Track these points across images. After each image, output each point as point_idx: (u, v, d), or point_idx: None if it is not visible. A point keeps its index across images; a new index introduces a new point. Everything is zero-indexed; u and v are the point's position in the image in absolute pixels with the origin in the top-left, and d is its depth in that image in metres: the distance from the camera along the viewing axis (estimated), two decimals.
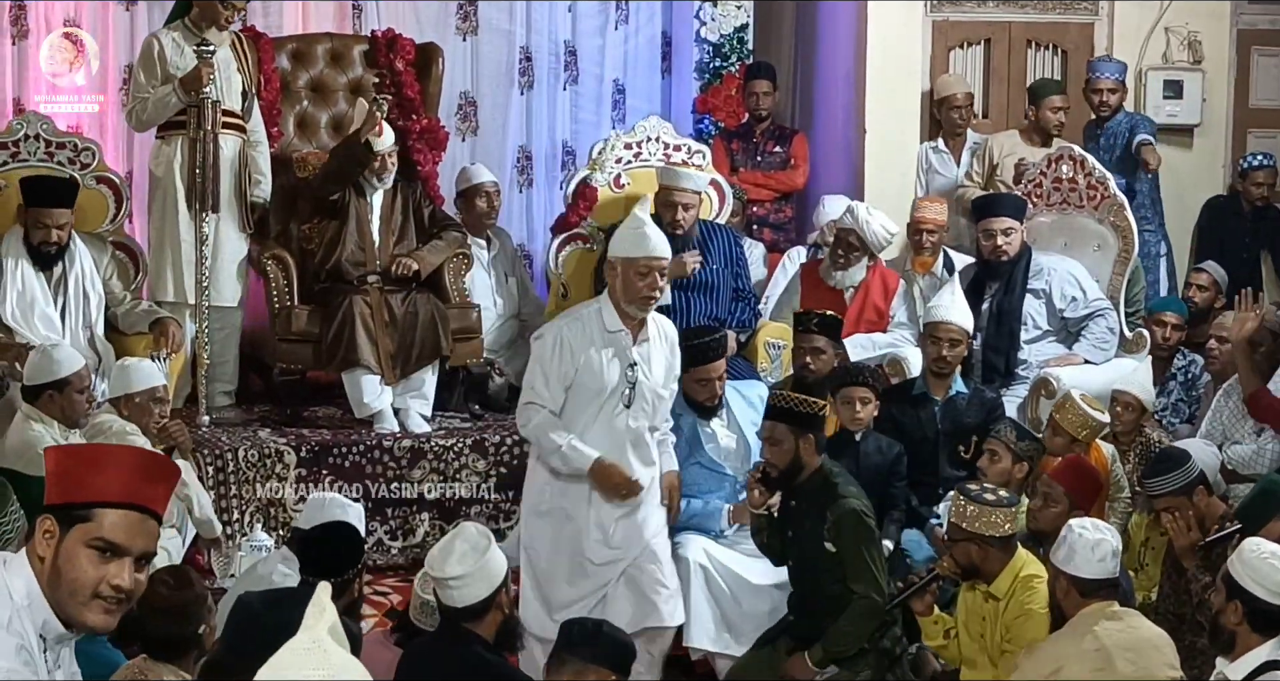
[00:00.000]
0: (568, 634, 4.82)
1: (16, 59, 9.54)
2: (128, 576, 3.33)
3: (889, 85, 10.63)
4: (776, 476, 6.54)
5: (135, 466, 3.37)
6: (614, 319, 6.56)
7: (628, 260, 6.50)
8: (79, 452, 3.60)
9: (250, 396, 8.77)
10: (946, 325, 7.75)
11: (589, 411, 6.57)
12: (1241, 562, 4.76)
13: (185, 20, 8.34)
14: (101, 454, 3.50)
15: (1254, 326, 7.60)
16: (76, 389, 6.79)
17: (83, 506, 3.30)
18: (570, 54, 10.76)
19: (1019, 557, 6.01)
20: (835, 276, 8.65)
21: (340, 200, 8.33)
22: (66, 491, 3.33)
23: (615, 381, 6.54)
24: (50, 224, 7.83)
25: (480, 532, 5.35)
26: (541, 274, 9.80)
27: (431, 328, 8.12)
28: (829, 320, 7.93)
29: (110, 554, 3.31)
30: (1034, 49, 11.09)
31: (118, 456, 3.44)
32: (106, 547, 3.30)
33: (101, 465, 3.34)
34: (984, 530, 5.93)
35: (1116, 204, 8.97)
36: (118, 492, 3.31)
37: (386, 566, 7.72)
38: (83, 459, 3.41)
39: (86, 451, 3.74)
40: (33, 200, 7.86)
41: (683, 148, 9.04)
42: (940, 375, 7.76)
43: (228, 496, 7.56)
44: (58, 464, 3.39)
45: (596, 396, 6.55)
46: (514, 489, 7.92)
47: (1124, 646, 5.16)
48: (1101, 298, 8.68)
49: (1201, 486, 6.44)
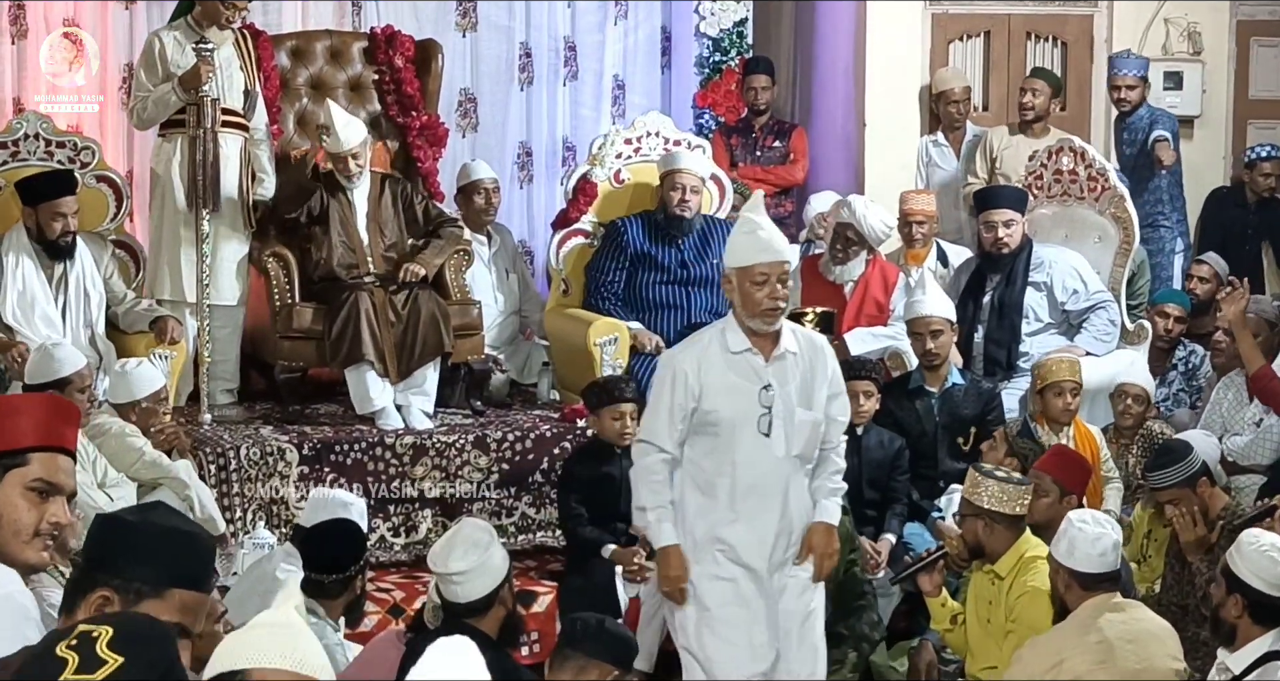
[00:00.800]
0: (570, 630, 4.83)
1: (16, 59, 9.54)
2: (64, 512, 3.46)
3: (888, 79, 10.65)
4: None
5: (49, 410, 3.51)
6: (739, 338, 5.73)
7: (741, 270, 5.67)
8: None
9: (252, 394, 8.76)
10: (925, 318, 7.78)
11: (724, 446, 5.75)
12: (1240, 556, 4.77)
13: (188, 19, 8.34)
14: (15, 403, 3.67)
15: (1243, 304, 7.63)
16: (77, 388, 6.78)
17: (12, 454, 3.42)
18: (570, 50, 10.77)
19: (1026, 539, 6.04)
20: (835, 271, 8.66)
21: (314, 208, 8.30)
22: None
23: (747, 409, 5.70)
24: (66, 213, 7.84)
25: (483, 528, 5.37)
26: (543, 270, 9.81)
27: (433, 324, 8.11)
28: (824, 315, 7.96)
29: (48, 493, 3.44)
30: (1033, 41, 11.10)
31: (31, 402, 3.65)
32: (46, 487, 3.43)
33: (19, 412, 3.48)
34: (992, 506, 5.96)
35: (1117, 196, 8.97)
36: (41, 436, 3.45)
37: (389, 563, 7.71)
38: (2, 409, 3.53)
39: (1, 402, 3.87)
40: (41, 196, 7.85)
41: (682, 142, 9.04)
42: (932, 368, 7.79)
43: (230, 495, 7.55)
44: None
45: (729, 429, 5.72)
46: (516, 485, 7.94)
47: (1127, 638, 5.17)
48: (1103, 290, 8.68)
49: (1204, 478, 6.45)
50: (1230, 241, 10.08)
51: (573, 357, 8.56)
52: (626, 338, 8.35)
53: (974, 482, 6.05)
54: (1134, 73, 10.12)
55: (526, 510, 7.97)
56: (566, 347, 8.66)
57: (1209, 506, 6.35)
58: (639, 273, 8.60)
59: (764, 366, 5.70)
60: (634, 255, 8.59)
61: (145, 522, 3.15)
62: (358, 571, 5.81)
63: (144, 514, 3.23)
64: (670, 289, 8.58)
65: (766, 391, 5.67)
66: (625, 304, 8.57)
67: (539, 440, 8.03)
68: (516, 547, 7.54)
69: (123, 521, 3.17)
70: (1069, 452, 6.98)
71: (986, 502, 5.97)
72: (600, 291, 8.62)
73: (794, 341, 5.77)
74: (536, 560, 7.85)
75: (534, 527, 7.96)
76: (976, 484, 6.03)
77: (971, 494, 6.04)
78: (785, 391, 5.71)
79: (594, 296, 8.65)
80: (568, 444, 8.01)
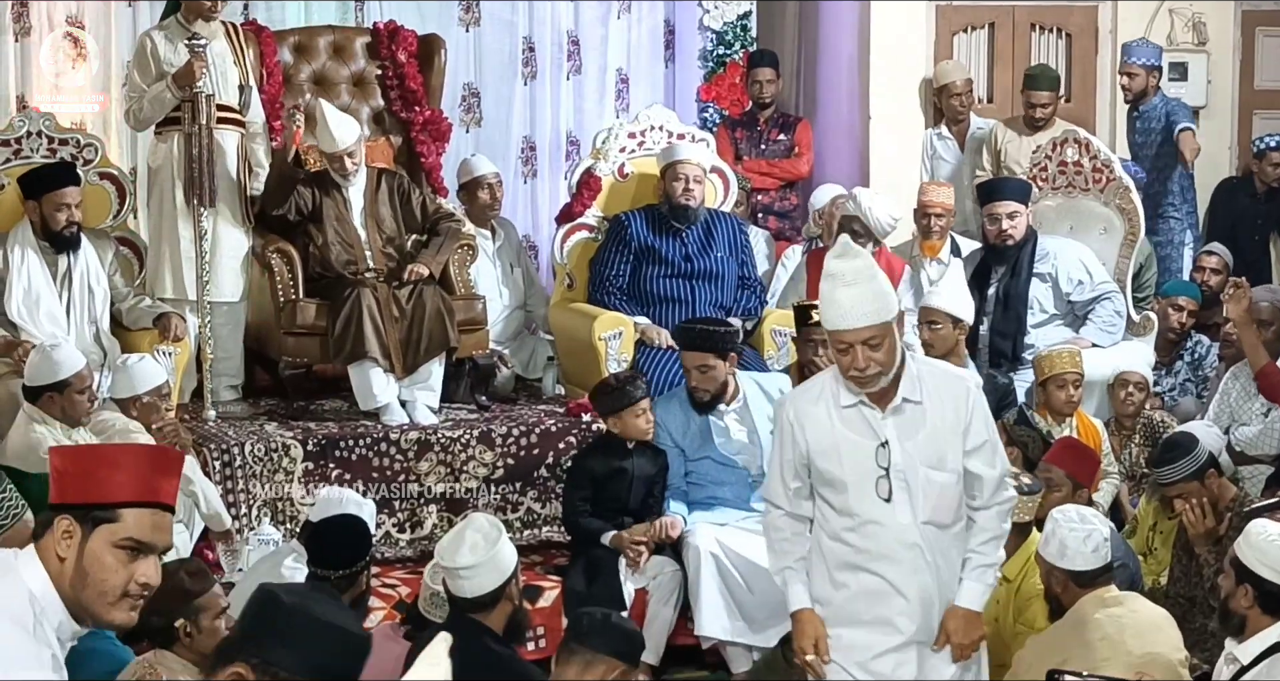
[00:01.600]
0: (577, 625, 4.80)
1: (19, 57, 9.52)
2: (154, 572, 3.34)
3: (893, 71, 10.64)
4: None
5: (148, 463, 3.37)
6: (847, 391, 4.97)
7: (829, 332, 4.94)
8: (91, 453, 3.58)
9: (256, 390, 8.76)
10: (934, 308, 7.76)
11: (845, 510, 4.99)
12: (1249, 546, 4.76)
13: (177, 16, 8.32)
14: (114, 454, 3.49)
15: (1246, 303, 7.61)
16: (77, 390, 6.76)
17: (104, 507, 3.30)
18: (573, 44, 10.76)
19: (1032, 540, 6.02)
20: None
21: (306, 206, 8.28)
22: (84, 492, 3.32)
23: (864, 469, 4.94)
24: (70, 203, 7.84)
25: (491, 523, 5.35)
26: (547, 264, 9.80)
27: (438, 319, 8.10)
28: None
29: (138, 552, 3.32)
30: (1038, 33, 11.08)
31: (131, 455, 3.45)
32: (136, 547, 3.31)
33: (117, 465, 3.34)
34: None
35: (1122, 187, 8.96)
36: (137, 491, 3.32)
37: (394, 559, 7.70)
38: (97, 459, 3.40)
39: (99, 452, 3.71)
40: (43, 187, 7.84)
41: (686, 136, 9.03)
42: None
43: (234, 491, 7.54)
44: (68, 464, 3.37)
45: (843, 490, 4.98)
46: (521, 480, 7.92)
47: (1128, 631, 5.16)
48: (1108, 281, 8.66)
49: (1212, 470, 6.44)
50: (1240, 231, 10.06)
51: (578, 352, 8.55)
52: (631, 332, 8.34)
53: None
54: (1137, 61, 10.08)
55: (532, 505, 7.96)
56: (571, 342, 8.65)
57: (1219, 498, 6.34)
58: (643, 266, 8.59)
59: (880, 419, 4.92)
60: (638, 249, 8.58)
61: (304, 609, 3.12)
62: (363, 567, 5.80)
63: (306, 599, 3.18)
64: (675, 283, 8.56)
65: (884, 449, 4.90)
66: (630, 298, 8.56)
67: (544, 435, 8.02)
68: (522, 543, 7.53)
69: (283, 603, 3.13)
70: (1078, 444, 6.97)
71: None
72: (605, 286, 8.61)
73: (916, 388, 4.93)
74: (542, 555, 7.83)
75: (539, 522, 7.95)
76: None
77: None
78: (906, 448, 4.91)
79: (598, 291, 8.64)
80: (573, 438, 8.00)
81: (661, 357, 8.20)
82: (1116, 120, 10.68)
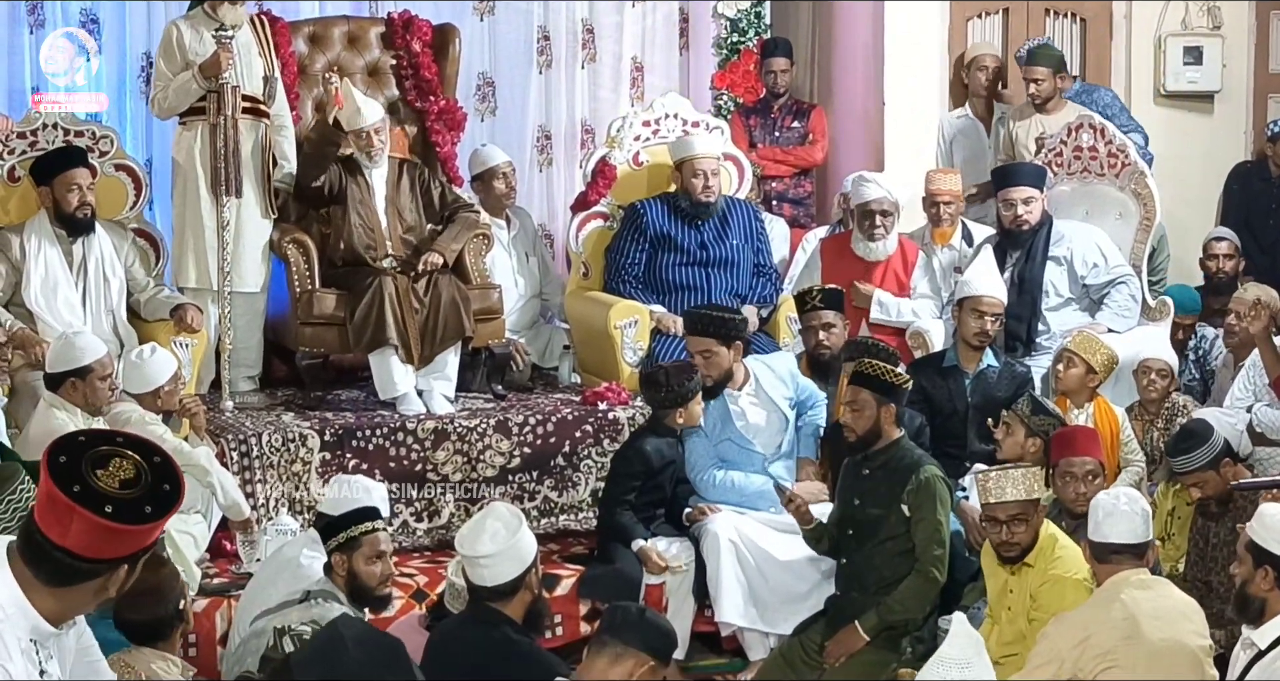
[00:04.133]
0: (610, 617, 4.77)
1: (34, 49, 9.52)
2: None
3: (908, 57, 10.61)
4: (854, 441, 6.59)
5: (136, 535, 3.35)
6: None
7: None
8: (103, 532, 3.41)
9: (274, 381, 8.77)
10: (990, 298, 7.75)
11: None
12: (1264, 528, 4.75)
13: (203, 7, 8.33)
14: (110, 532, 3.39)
15: (1264, 322, 7.55)
16: (99, 377, 6.80)
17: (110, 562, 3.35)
18: (588, 32, 10.73)
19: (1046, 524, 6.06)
20: (871, 248, 8.63)
21: (334, 185, 8.31)
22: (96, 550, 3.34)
23: None
24: (81, 184, 7.86)
25: (512, 512, 5.36)
26: (562, 253, 9.80)
27: (454, 309, 8.11)
28: (831, 293, 7.94)
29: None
30: (1052, 18, 11.05)
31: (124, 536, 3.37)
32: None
33: (113, 542, 3.32)
34: (1024, 495, 6.01)
35: (1138, 171, 8.93)
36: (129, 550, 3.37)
37: (412, 548, 7.72)
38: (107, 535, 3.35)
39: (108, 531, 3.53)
40: (53, 171, 7.88)
41: (701, 124, 9.03)
42: (976, 348, 7.74)
43: (252, 481, 7.55)
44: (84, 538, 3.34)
45: None
46: (537, 469, 7.94)
47: (1152, 614, 5.15)
48: (1123, 265, 8.64)
49: (1227, 458, 6.44)
50: (1253, 216, 10.05)
51: (593, 340, 8.56)
52: (647, 320, 8.35)
53: (995, 481, 6.03)
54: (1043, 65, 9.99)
55: (549, 494, 7.97)
56: (587, 331, 8.66)
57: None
58: (659, 254, 8.60)
59: None
60: (654, 237, 8.59)
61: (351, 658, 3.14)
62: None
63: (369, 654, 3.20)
64: (690, 270, 8.57)
65: None
66: (645, 286, 8.57)
67: (560, 424, 8.03)
68: (539, 531, 7.49)
69: (337, 649, 3.16)
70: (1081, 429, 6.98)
71: (1014, 493, 5.96)
72: (620, 274, 8.62)
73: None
74: (559, 543, 7.85)
75: (556, 511, 7.97)
76: (999, 481, 6.02)
77: (996, 493, 6.01)
78: None
79: (614, 279, 8.65)
80: (589, 427, 8.01)
81: (677, 345, 8.21)
82: (1131, 105, 10.64)
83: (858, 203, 8.69)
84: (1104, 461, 6.85)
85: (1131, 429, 7.67)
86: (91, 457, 3.26)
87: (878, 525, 6.56)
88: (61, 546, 3.27)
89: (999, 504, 6.01)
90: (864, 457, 6.63)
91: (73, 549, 3.27)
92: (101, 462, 3.27)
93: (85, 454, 3.27)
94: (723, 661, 7.31)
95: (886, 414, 6.55)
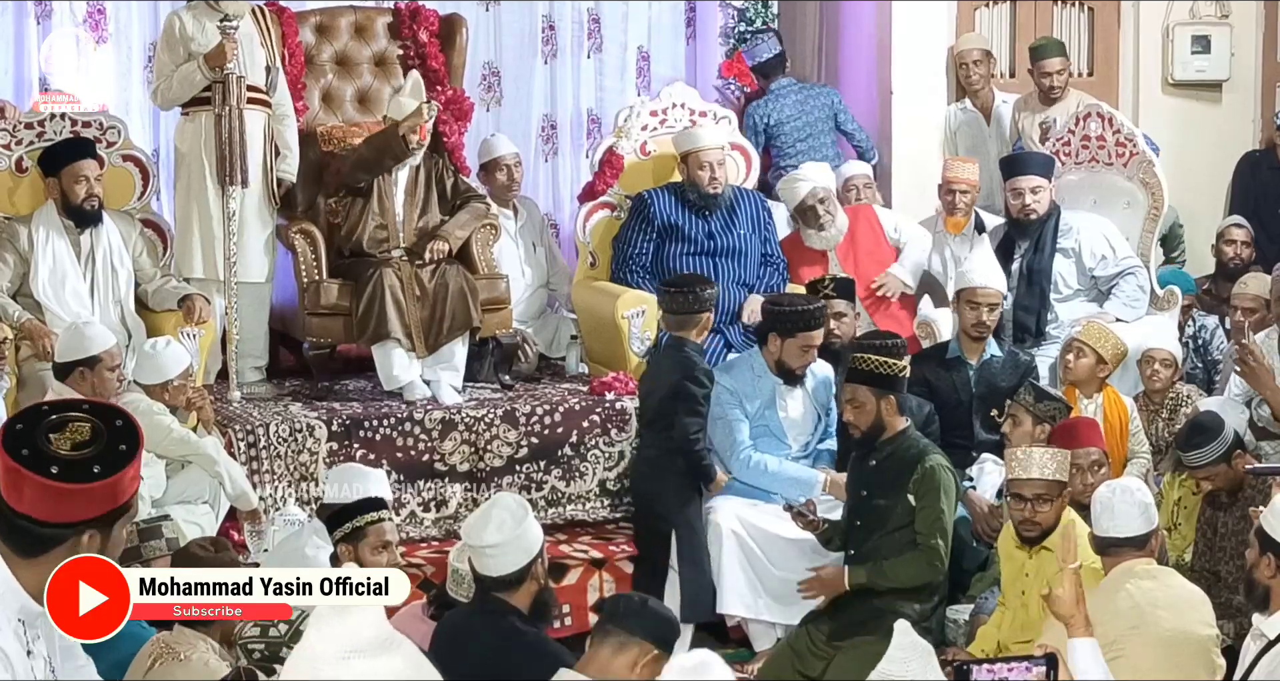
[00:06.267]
0: (614, 606, 4.78)
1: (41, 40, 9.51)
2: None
3: (914, 46, 10.58)
4: (859, 437, 6.60)
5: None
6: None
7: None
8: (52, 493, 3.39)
9: (281, 371, 8.78)
10: (985, 290, 7.74)
11: None
12: (1274, 515, 4.74)
13: None
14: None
15: (1258, 367, 7.34)
16: (108, 367, 6.81)
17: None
18: (594, 22, 10.71)
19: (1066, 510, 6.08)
20: (824, 237, 8.69)
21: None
22: (50, 513, 3.34)
23: None
24: (88, 175, 7.88)
25: (518, 502, 5.36)
26: (569, 243, 9.79)
27: (461, 299, 8.11)
28: (843, 282, 7.98)
29: None
30: (1060, 6, 11.02)
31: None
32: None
33: (65, 503, 3.32)
34: (1054, 475, 6.05)
35: (1146, 161, 8.93)
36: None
37: (419, 538, 7.72)
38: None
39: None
40: (60, 162, 7.88)
41: (708, 113, 9.03)
42: (977, 339, 7.74)
43: (259, 471, 7.56)
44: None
45: None
46: (545, 459, 7.94)
47: (1159, 604, 5.15)
48: (1131, 255, 8.64)
49: (1239, 450, 6.43)
50: (1262, 205, 10.03)
51: (601, 330, 8.56)
52: (654, 310, 8.35)
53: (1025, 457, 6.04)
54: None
55: (556, 483, 7.97)
56: (594, 320, 8.66)
57: (1246, 478, 6.36)
58: (666, 244, 8.60)
59: None
60: (661, 227, 8.59)
61: None
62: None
63: None
64: (698, 260, 8.56)
65: None
66: (653, 276, 8.57)
67: (568, 414, 8.03)
68: (546, 521, 7.54)
69: None
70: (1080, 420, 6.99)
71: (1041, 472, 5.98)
72: (628, 264, 8.62)
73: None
74: (567, 534, 7.85)
75: (564, 501, 7.97)
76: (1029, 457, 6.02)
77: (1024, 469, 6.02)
78: None
79: (621, 269, 8.65)
80: (596, 417, 8.01)
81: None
82: (1139, 94, 10.63)
83: (794, 206, 8.76)
84: (1107, 451, 6.85)
85: (1139, 419, 7.67)
86: (48, 424, 3.28)
87: (885, 515, 6.56)
88: (21, 512, 3.29)
89: (1027, 480, 6.02)
90: (871, 449, 6.64)
91: (30, 514, 3.28)
92: (58, 427, 3.28)
93: (43, 420, 3.28)
94: (729, 652, 7.31)
95: (887, 406, 6.55)
